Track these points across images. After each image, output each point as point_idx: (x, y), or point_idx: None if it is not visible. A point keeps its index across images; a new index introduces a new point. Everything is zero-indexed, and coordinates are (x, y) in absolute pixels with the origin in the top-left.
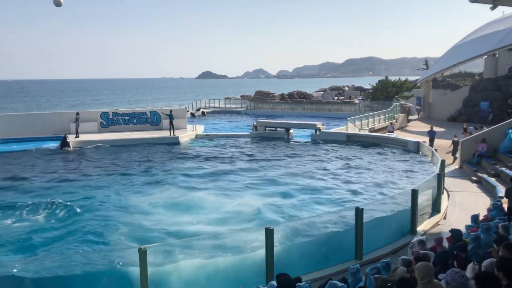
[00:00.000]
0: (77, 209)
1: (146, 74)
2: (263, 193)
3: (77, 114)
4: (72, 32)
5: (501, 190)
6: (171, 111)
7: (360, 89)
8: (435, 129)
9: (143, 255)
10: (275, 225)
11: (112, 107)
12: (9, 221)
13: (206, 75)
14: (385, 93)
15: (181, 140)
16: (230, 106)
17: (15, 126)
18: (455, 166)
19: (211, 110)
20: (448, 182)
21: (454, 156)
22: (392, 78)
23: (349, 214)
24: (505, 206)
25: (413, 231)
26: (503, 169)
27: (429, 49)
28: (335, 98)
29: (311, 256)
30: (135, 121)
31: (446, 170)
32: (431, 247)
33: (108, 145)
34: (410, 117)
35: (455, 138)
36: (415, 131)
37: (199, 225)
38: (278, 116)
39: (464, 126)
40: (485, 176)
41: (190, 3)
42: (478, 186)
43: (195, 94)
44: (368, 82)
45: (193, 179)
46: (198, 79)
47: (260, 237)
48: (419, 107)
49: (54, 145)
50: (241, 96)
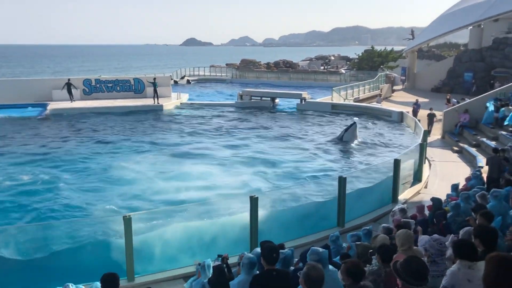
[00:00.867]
0: (59, 177)
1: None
2: (247, 163)
3: (69, 80)
4: None
5: (481, 160)
6: (154, 79)
7: (346, 59)
8: (420, 100)
9: (128, 222)
10: (260, 194)
11: (94, 74)
12: None
13: (191, 42)
14: (371, 63)
15: (165, 108)
16: (215, 74)
17: None
18: (437, 136)
19: (195, 78)
20: (430, 152)
21: (429, 129)
22: (378, 48)
23: (332, 183)
24: (484, 176)
25: (394, 199)
26: (483, 139)
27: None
28: (321, 67)
29: (294, 224)
30: (118, 88)
31: (429, 140)
32: (412, 215)
33: (91, 113)
34: (395, 87)
35: (431, 111)
36: (399, 101)
37: (183, 194)
38: (263, 85)
39: (448, 97)
40: (466, 146)
41: None
42: (459, 156)
43: (179, 61)
44: (354, 51)
45: (176, 148)
46: (182, 46)
47: (245, 205)
48: (404, 77)
49: (35, 112)
50: (227, 65)
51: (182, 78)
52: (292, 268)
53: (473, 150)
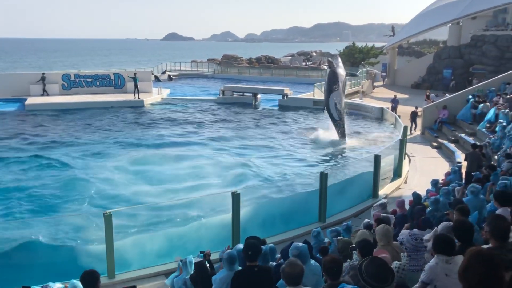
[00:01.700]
0: (34, 175)
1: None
2: (229, 159)
3: (43, 73)
4: None
5: (460, 156)
6: (135, 74)
7: (328, 55)
8: (399, 96)
9: (108, 219)
10: (242, 189)
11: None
12: None
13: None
14: (352, 59)
15: (146, 103)
16: (196, 69)
17: None
18: (417, 132)
19: (177, 73)
20: (410, 147)
21: (412, 126)
22: (359, 44)
23: (313, 179)
24: (463, 171)
25: (375, 194)
26: (462, 135)
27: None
28: (303, 63)
29: (276, 220)
30: (98, 83)
31: (408, 136)
32: (392, 211)
33: (70, 108)
34: (375, 84)
35: (416, 110)
36: (380, 97)
37: (163, 190)
38: (245, 81)
39: (427, 93)
40: (445, 142)
41: None
42: (438, 152)
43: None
44: (335, 48)
45: (157, 144)
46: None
47: (226, 201)
48: (384, 74)
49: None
50: (208, 60)
51: (163, 73)
52: (273, 263)
53: (452, 146)
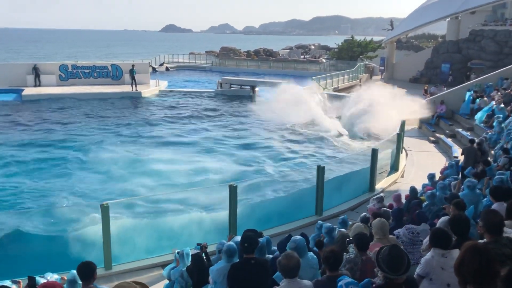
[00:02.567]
0: (30, 165)
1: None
2: (227, 151)
3: (35, 65)
4: None
5: (457, 150)
6: (133, 66)
7: (326, 48)
8: (397, 90)
9: (105, 210)
10: (239, 182)
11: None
12: None
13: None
14: (350, 53)
15: (143, 95)
16: (194, 61)
17: None
18: (414, 126)
19: (175, 65)
20: (407, 142)
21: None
22: (358, 38)
23: (310, 172)
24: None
25: (371, 188)
26: (459, 130)
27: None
28: (301, 56)
29: (273, 212)
30: (95, 74)
31: (406, 130)
32: (389, 205)
33: (67, 99)
34: (374, 78)
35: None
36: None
37: (161, 181)
38: (243, 73)
39: (425, 88)
40: (442, 136)
41: None
42: (436, 146)
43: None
44: (334, 41)
45: (154, 135)
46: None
47: (224, 194)
48: (382, 68)
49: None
50: (206, 52)
51: (161, 65)
52: (270, 256)
53: (449, 141)
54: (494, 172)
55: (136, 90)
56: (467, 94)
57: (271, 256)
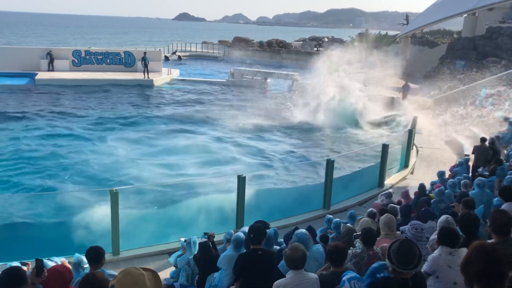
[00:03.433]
0: (43, 150)
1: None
2: (236, 142)
3: (50, 51)
4: None
5: (468, 148)
6: (145, 53)
7: (340, 41)
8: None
9: (114, 197)
10: (248, 173)
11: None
12: None
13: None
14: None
15: (155, 83)
16: (207, 51)
17: None
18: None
19: (187, 54)
20: (418, 138)
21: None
22: (372, 32)
23: (319, 165)
24: (471, 164)
25: (380, 184)
26: (472, 127)
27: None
28: (314, 48)
29: (280, 204)
30: (108, 61)
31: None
32: (397, 201)
33: (80, 85)
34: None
35: (406, 84)
36: (390, 86)
37: (170, 170)
38: (255, 64)
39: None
40: (454, 134)
41: None
42: (447, 143)
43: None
44: (348, 34)
45: (165, 123)
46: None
47: (232, 184)
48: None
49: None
50: (219, 41)
51: (174, 53)
52: (277, 247)
53: (461, 138)
54: (505, 172)
55: (148, 77)
56: (481, 92)
57: (277, 247)
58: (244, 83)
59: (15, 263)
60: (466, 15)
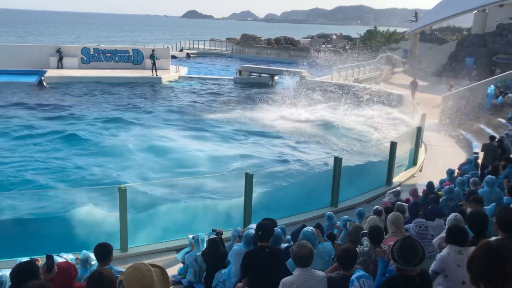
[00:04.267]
0: (51, 147)
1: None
2: (244, 139)
3: (59, 48)
4: None
5: (477, 146)
6: (153, 50)
7: (348, 38)
8: (420, 83)
9: (123, 193)
10: (255, 171)
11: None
12: None
13: (192, 14)
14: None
15: (163, 81)
16: (215, 48)
17: None
18: (435, 120)
19: (195, 51)
20: (427, 135)
21: (412, 97)
22: (381, 29)
23: (327, 163)
24: (479, 162)
25: (389, 182)
26: (481, 126)
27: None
28: (322, 46)
29: (288, 202)
30: (116, 58)
31: (426, 124)
32: (405, 199)
33: (88, 82)
34: (395, 70)
35: (414, 80)
36: (399, 83)
37: (178, 167)
38: (263, 61)
39: (451, 83)
40: (463, 132)
41: None
42: (456, 141)
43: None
44: (356, 31)
45: (173, 121)
46: (183, 18)
47: (240, 182)
48: (405, 60)
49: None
50: (227, 39)
51: (181, 50)
52: (284, 245)
53: (469, 136)
54: None
55: (156, 75)
56: (489, 89)
57: (287, 244)
58: (251, 80)
59: (25, 259)
60: (476, 11)
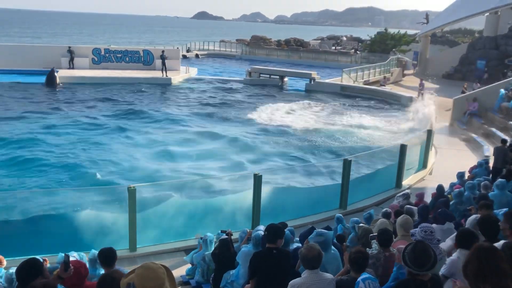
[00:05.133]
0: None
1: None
2: (254, 140)
3: (69, 47)
4: None
5: (488, 150)
6: (163, 51)
7: (358, 40)
8: (429, 86)
9: (132, 193)
10: (264, 172)
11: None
12: None
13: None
14: (383, 46)
15: (173, 81)
16: (225, 49)
17: (2, 57)
18: (445, 123)
19: (205, 52)
20: (438, 138)
21: (419, 98)
22: (391, 31)
23: (337, 165)
24: (490, 165)
25: (398, 184)
26: (493, 129)
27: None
28: (332, 47)
29: (297, 204)
30: (127, 59)
31: (437, 127)
32: (415, 202)
33: (99, 83)
34: (406, 72)
35: (421, 80)
36: (409, 86)
37: (187, 168)
38: (273, 63)
39: (465, 86)
40: (473, 135)
41: None
42: (466, 145)
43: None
44: (366, 33)
45: (183, 122)
46: (193, 19)
47: (248, 182)
48: (415, 62)
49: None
50: (237, 40)
51: (188, 51)
52: (293, 247)
53: (480, 139)
54: None
55: (167, 76)
56: (500, 93)
57: (295, 245)
58: (261, 82)
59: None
60: (488, 14)
